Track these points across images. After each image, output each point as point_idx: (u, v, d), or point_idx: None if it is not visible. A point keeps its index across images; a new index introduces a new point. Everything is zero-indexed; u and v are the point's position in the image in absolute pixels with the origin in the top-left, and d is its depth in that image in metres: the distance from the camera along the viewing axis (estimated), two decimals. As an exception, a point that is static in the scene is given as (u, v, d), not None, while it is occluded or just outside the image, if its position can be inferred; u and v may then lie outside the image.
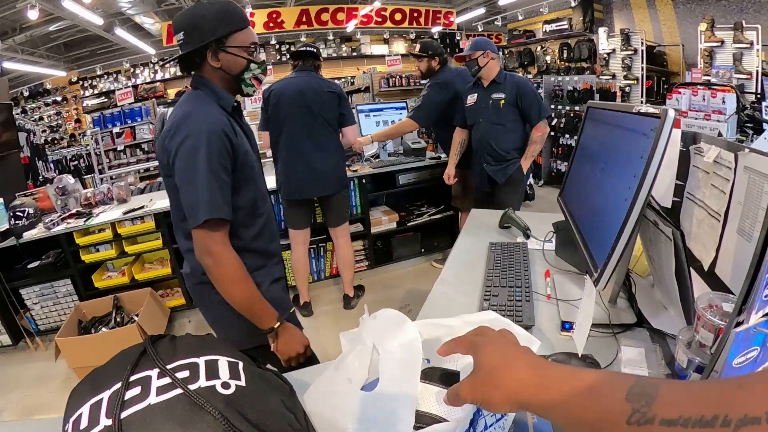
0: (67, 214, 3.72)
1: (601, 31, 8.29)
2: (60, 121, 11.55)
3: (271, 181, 3.44)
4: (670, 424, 0.34)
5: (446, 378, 0.68)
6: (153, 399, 0.52)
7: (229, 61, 1.44)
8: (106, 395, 0.54)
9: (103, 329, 3.33)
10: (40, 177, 8.26)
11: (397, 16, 11.26)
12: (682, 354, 0.90)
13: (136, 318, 3.29)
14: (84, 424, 0.52)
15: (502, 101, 3.24)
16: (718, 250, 0.98)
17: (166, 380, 0.53)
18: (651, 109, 0.90)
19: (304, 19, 10.41)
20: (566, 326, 1.14)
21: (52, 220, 3.59)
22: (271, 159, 3.48)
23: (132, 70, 11.42)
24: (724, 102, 4.23)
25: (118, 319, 3.41)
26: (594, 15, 9.55)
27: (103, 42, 10.10)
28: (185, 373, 0.54)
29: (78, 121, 11.62)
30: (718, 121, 4.21)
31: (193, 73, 1.47)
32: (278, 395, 0.58)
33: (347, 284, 3.78)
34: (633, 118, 0.97)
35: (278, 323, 1.42)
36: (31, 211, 3.60)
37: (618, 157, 1.03)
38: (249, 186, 1.46)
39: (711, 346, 0.81)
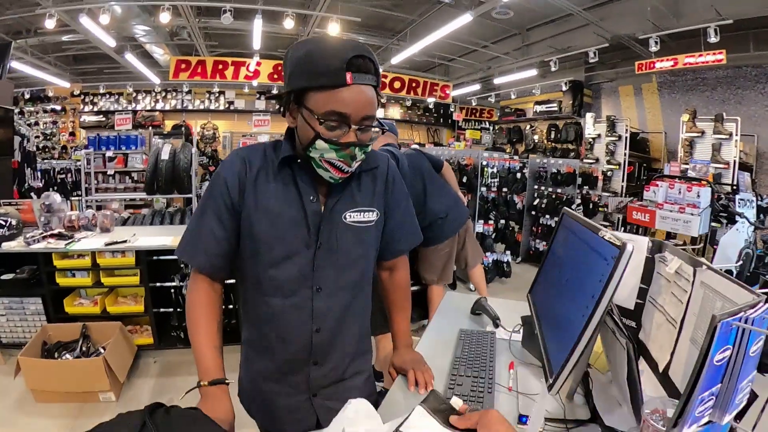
0: (48, 233, 3.70)
1: (589, 116, 8.71)
2: (54, 131, 11.54)
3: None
4: None
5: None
6: None
7: (299, 125, 1.15)
8: None
9: (68, 356, 3.25)
10: (26, 184, 8.18)
11: (396, 84, 11.74)
12: (628, 452, 0.99)
13: (102, 350, 3.22)
14: None
15: None
16: (672, 354, 1.07)
17: None
18: (614, 239, 0.98)
19: (307, 75, 10.82)
20: (523, 419, 1.21)
21: (33, 236, 3.56)
22: None
23: (134, 94, 11.58)
24: (698, 196, 4.45)
25: (84, 348, 3.33)
26: (583, 99, 10.05)
27: (111, 62, 10.27)
28: None
29: (72, 134, 11.63)
30: (692, 214, 4.41)
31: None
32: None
33: None
34: (598, 240, 1.03)
35: (203, 383, 1.15)
36: (13, 222, 3.59)
37: (581, 273, 1.11)
38: (255, 262, 1.25)
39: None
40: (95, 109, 11.59)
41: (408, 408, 1.16)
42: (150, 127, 10.12)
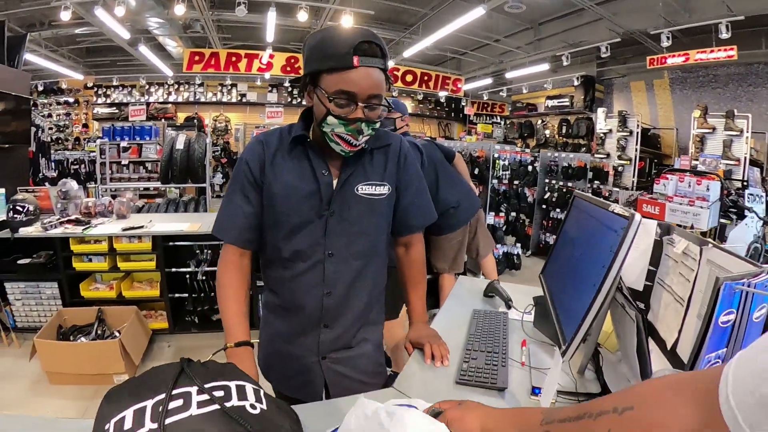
0: (65, 219, 3.76)
1: (600, 111, 8.66)
2: (68, 122, 11.66)
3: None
4: (562, 421, 0.61)
5: None
6: (194, 411, 0.61)
7: (315, 104, 1.25)
8: (149, 403, 0.62)
9: (83, 339, 3.30)
10: (41, 174, 8.29)
11: (408, 78, 11.76)
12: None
13: (118, 334, 3.27)
14: (128, 425, 0.60)
15: None
16: (680, 332, 1.10)
17: (205, 396, 0.63)
18: (623, 211, 1.03)
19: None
20: (536, 391, 1.25)
21: (50, 222, 3.63)
22: None
23: (147, 87, 11.67)
24: (708, 189, 4.42)
25: (99, 332, 3.38)
26: (595, 95, 10.00)
27: (124, 54, 10.37)
28: (220, 393, 0.64)
29: (86, 126, 11.74)
30: (701, 207, 4.39)
31: None
32: (288, 421, 0.68)
33: None
34: (608, 215, 1.10)
35: (229, 345, 1.27)
36: (31, 208, 3.64)
37: (592, 247, 1.16)
38: (275, 231, 1.36)
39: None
40: (108, 101, 11.69)
41: (424, 381, 1.21)
42: (163, 119, 10.20)
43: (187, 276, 3.85)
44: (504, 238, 6.30)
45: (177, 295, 3.88)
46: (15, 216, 3.55)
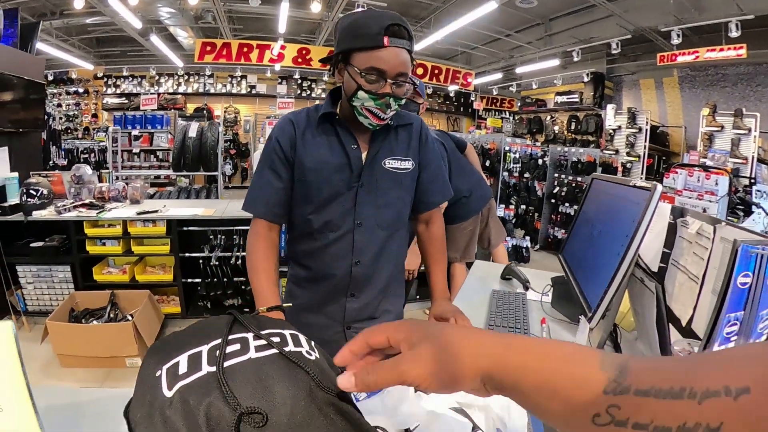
0: (80, 203, 3.77)
1: (609, 108, 8.66)
2: (77, 112, 11.69)
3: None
4: (643, 394, 0.36)
5: None
6: (253, 354, 0.61)
7: (345, 80, 1.32)
8: (204, 348, 0.61)
9: (95, 322, 3.31)
10: (51, 162, 8.35)
11: (419, 71, 11.69)
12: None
13: (130, 318, 3.29)
14: (183, 369, 0.58)
15: None
16: (695, 309, 1.13)
17: (262, 342, 0.63)
18: (644, 183, 1.08)
19: (330, 59, 10.95)
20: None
21: (64, 205, 3.63)
22: None
23: (157, 77, 11.68)
24: (716, 184, 4.44)
25: (111, 315, 3.40)
26: (604, 91, 9.97)
27: (134, 45, 10.38)
28: (276, 339, 0.65)
29: (95, 116, 11.78)
30: (710, 201, 4.41)
31: None
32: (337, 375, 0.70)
33: None
34: (629, 190, 1.15)
35: (261, 310, 1.28)
36: (44, 192, 3.66)
37: (614, 221, 1.19)
38: (305, 204, 1.42)
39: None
40: (118, 91, 11.71)
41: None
42: (172, 110, 10.23)
43: (201, 261, 3.86)
44: (514, 231, 6.30)
45: (190, 280, 3.89)
46: (28, 200, 3.56)
